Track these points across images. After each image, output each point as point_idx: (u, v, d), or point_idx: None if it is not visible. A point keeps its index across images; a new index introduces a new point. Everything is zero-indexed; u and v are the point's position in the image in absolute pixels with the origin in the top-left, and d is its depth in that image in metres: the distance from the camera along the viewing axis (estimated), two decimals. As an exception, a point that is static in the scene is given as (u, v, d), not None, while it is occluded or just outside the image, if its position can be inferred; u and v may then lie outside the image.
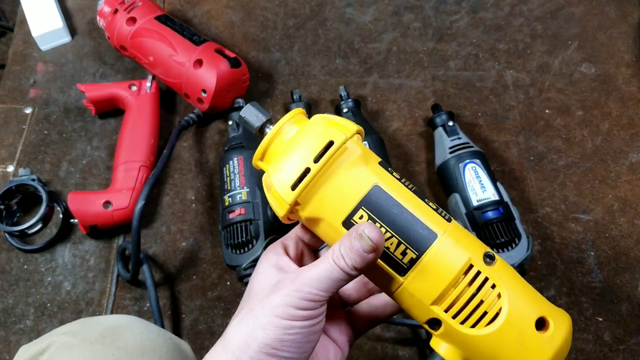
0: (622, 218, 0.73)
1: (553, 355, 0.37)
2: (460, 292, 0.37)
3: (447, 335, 0.38)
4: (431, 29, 0.88)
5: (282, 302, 0.36)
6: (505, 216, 0.65)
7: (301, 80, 0.84)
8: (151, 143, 0.75)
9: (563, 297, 0.68)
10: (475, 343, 0.37)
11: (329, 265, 0.37)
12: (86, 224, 0.69)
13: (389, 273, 0.38)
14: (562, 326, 0.37)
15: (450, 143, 0.72)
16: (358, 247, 0.36)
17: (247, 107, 0.41)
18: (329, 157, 0.37)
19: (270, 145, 0.40)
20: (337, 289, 0.37)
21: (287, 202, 0.38)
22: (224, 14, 0.91)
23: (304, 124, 0.40)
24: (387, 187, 0.38)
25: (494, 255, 0.38)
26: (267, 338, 0.36)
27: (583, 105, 0.81)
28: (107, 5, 0.81)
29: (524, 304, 0.38)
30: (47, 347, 0.47)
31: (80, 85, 0.77)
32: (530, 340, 0.37)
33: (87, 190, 0.75)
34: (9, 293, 0.69)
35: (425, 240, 0.38)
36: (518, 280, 0.39)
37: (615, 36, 0.87)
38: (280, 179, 0.38)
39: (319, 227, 0.40)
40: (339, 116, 0.41)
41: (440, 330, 0.38)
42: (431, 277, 0.37)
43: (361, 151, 0.39)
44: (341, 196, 0.38)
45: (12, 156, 0.78)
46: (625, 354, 0.64)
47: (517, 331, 0.37)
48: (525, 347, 0.37)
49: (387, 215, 0.38)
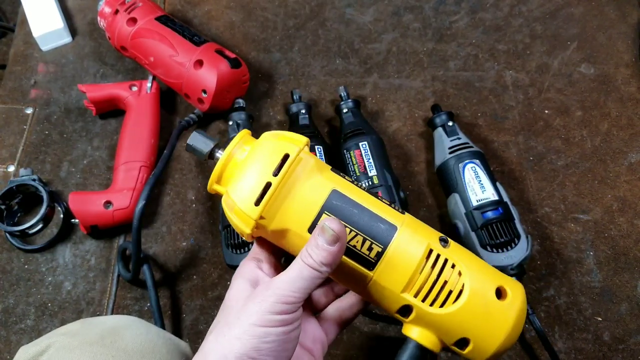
0: (621, 218, 0.73)
1: (516, 318, 0.41)
2: (426, 276, 0.40)
3: (418, 320, 0.41)
4: (431, 30, 0.89)
5: (257, 310, 0.37)
6: (504, 216, 0.66)
7: (301, 80, 0.85)
8: (152, 143, 0.75)
9: (562, 297, 0.68)
10: (446, 321, 0.41)
11: (298, 266, 0.38)
12: (87, 224, 0.69)
13: (359, 270, 0.41)
14: (518, 292, 0.42)
15: (450, 143, 0.72)
16: (322, 242, 0.37)
17: (193, 135, 0.44)
18: (287, 169, 0.40)
19: (226, 168, 0.42)
20: (310, 289, 0.38)
21: (253, 218, 0.40)
22: (224, 15, 0.91)
23: (254, 143, 0.42)
24: (345, 190, 0.41)
25: (447, 238, 0.42)
26: (244, 347, 0.36)
27: (582, 105, 0.81)
28: (108, 5, 0.81)
29: (483, 277, 0.41)
30: (46, 348, 0.47)
31: (81, 86, 0.77)
32: (494, 308, 0.41)
33: (87, 191, 0.75)
34: (10, 293, 0.69)
35: (388, 233, 0.41)
36: (472, 258, 0.42)
37: (614, 37, 0.87)
38: (242, 197, 0.40)
39: (285, 239, 0.42)
40: (285, 131, 0.44)
41: (411, 317, 0.41)
42: (398, 266, 0.40)
43: (314, 161, 0.42)
44: (304, 205, 0.40)
45: (13, 156, 0.78)
46: (624, 353, 0.65)
47: (481, 303, 0.41)
48: (491, 315, 0.41)
49: (349, 215, 0.41)
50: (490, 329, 0.40)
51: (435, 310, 0.40)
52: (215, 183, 0.43)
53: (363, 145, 0.71)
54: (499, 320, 0.40)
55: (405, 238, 0.41)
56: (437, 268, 0.41)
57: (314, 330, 0.46)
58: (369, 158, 0.70)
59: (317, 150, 0.71)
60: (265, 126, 0.81)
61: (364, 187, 0.43)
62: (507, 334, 0.40)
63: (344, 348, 0.65)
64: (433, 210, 0.74)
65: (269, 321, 0.37)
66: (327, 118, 0.82)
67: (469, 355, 0.41)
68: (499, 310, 0.41)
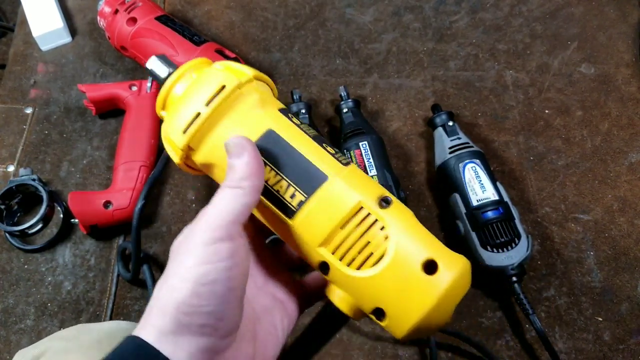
0: (622, 218, 0.73)
1: (439, 297, 0.36)
2: (347, 233, 0.37)
3: (335, 279, 0.38)
4: (431, 30, 0.89)
5: (188, 249, 0.34)
6: (505, 216, 0.65)
7: (301, 80, 0.84)
8: (152, 143, 0.75)
9: (563, 297, 0.68)
10: (361, 285, 0.37)
11: (221, 191, 0.36)
12: (86, 223, 0.69)
13: (279, 216, 0.39)
14: (452, 269, 0.37)
15: (450, 143, 0.72)
16: (231, 159, 0.36)
17: (152, 59, 0.42)
18: (219, 101, 0.38)
19: (169, 94, 0.41)
20: (241, 212, 0.35)
21: (179, 147, 0.38)
22: (224, 14, 0.91)
23: (202, 71, 0.40)
24: (282, 132, 0.39)
25: (391, 199, 0.38)
26: (181, 295, 0.33)
27: (582, 105, 0.81)
28: (108, 5, 0.81)
29: (413, 246, 0.37)
30: (43, 352, 0.47)
31: (80, 86, 0.77)
32: (415, 282, 0.36)
33: (87, 190, 0.75)
34: (10, 293, 0.69)
35: (314, 182, 0.38)
36: (413, 224, 0.38)
37: (614, 36, 0.87)
38: (173, 124, 0.39)
39: (214, 174, 0.40)
40: (249, 67, 0.41)
41: (329, 275, 0.38)
42: (319, 218, 0.37)
43: (259, 96, 0.40)
44: None
45: (12, 156, 0.78)
46: (624, 353, 0.65)
47: (402, 273, 0.36)
48: (410, 288, 0.36)
49: (277, 158, 0.38)
50: (407, 303, 0.36)
51: (351, 272, 0.37)
52: (160, 109, 0.42)
53: (363, 145, 0.71)
54: (419, 294, 0.36)
55: (334, 189, 0.37)
56: (363, 227, 0.37)
57: (287, 282, 0.43)
58: (369, 158, 0.70)
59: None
60: (265, 126, 0.81)
61: (313, 134, 0.40)
62: (427, 312, 0.36)
63: (344, 348, 0.65)
64: (433, 210, 0.74)
65: (203, 258, 0.33)
66: (327, 118, 0.81)
67: (387, 328, 0.38)
68: (421, 284, 0.36)
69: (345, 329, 0.66)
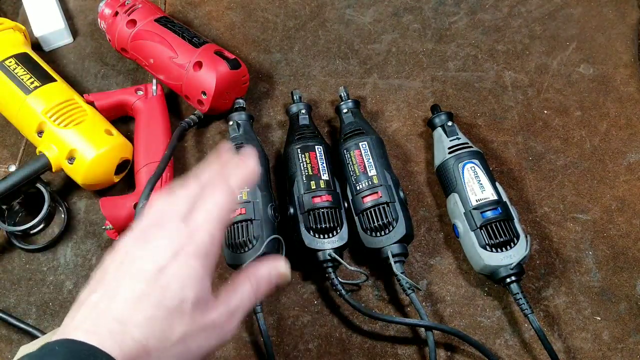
0: (620, 218, 0.73)
1: (112, 145, 0.71)
2: (63, 105, 0.71)
3: (49, 136, 0.69)
4: (430, 30, 0.89)
5: None
6: (504, 216, 0.66)
7: (301, 81, 0.85)
8: (167, 142, 0.75)
9: (561, 297, 0.68)
10: (66, 136, 0.69)
11: None
12: (120, 229, 0.68)
13: (16, 91, 0.71)
14: (118, 138, 0.73)
15: (450, 143, 0.72)
16: None
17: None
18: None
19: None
20: None
21: None
22: (224, 16, 0.91)
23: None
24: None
25: None
26: None
27: (581, 105, 0.82)
28: (108, 7, 0.82)
29: (99, 118, 0.74)
30: None
31: (87, 96, 0.76)
32: (99, 136, 0.70)
33: (100, 195, 0.75)
34: (11, 292, 0.69)
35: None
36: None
37: (613, 37, 0.87)
38: None
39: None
40: None
41: (44, 136, 0.70)
42: (47, 97, 0.71)
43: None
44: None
45: (14, 156, 0.79)
46: (623, 353, 0.65)
47: (92, 130, 0.70)
48: (96, 138, 0.70)
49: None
50: (85, 149, 0.69)
51: (60, 128, 0.69)
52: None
53: (363, 145, 0.71)
54: (99, 141, 0.70)
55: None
56: (73, 106, 0.73)
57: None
58: (369, 158, 0.70)
59: (317, 150, 0.71)
60: (266, 126, 0.81)
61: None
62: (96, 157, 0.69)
63: (343, 347, 0.66)
64: (432, 210, 0.74)
65: None
66: (327, 118, 0.82)
67: (72, 171, 0.70)
68: (101, 138, 0.70)
69: (345, 329, 0.67)
